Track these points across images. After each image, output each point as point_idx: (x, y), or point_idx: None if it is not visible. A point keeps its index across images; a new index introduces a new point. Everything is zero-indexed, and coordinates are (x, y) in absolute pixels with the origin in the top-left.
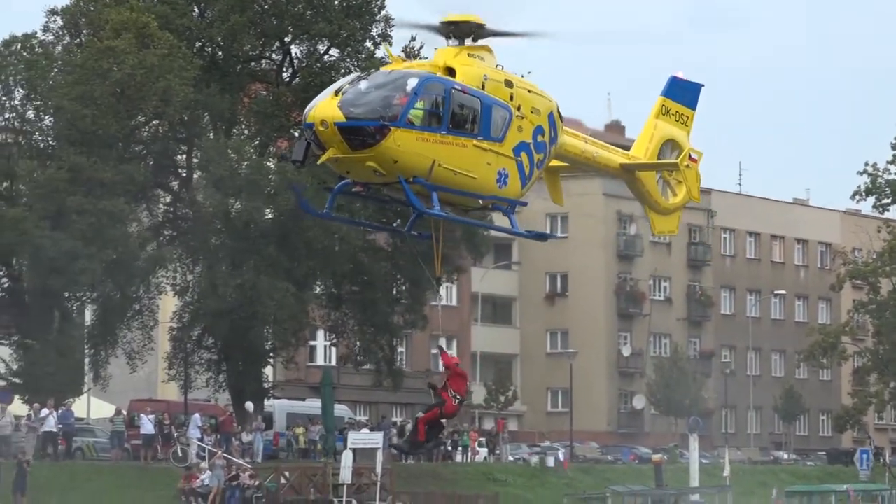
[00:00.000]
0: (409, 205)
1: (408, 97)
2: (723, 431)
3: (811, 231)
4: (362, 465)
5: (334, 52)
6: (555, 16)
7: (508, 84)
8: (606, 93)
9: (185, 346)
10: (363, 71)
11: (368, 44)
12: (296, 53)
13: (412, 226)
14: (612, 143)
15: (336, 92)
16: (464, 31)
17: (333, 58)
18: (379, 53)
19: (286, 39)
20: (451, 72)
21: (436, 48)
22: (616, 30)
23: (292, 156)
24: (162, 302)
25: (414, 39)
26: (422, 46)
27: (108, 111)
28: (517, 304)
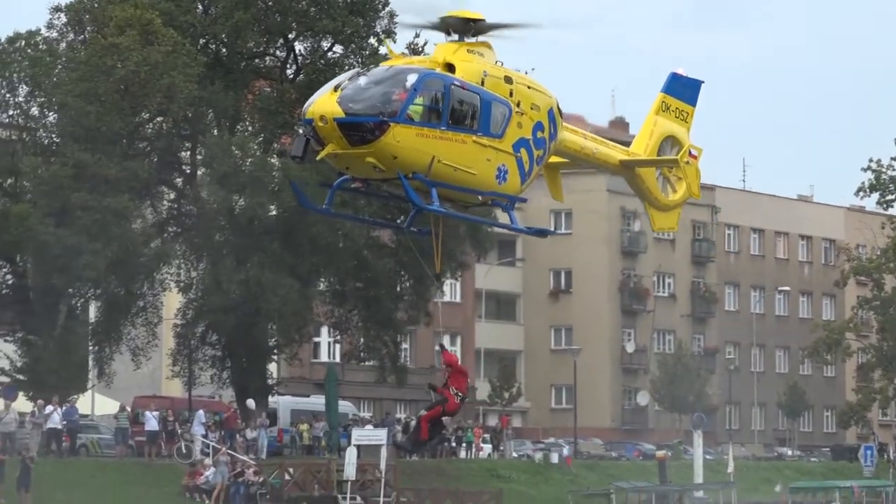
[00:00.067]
0: (409, 201)
1: (407, 93)
2: (727, 428)
3: (815, 227)
4: (366, 462)
5: (338, 48)
6: (557, 12)
7: (508, 80)
8: (611, 89)
9: (189, 343)
10: (363, 67)
11: (372, 40)
12: (300, 50)
13: (412, 222)
14: (616, 140)
15: (335, 88)
16: (463, 27)
17: (337, 54)
18: (383, 50)
19: (290, 36)
20: (451, 68)
21: (435, 44)
22: (613, 18)
23: (291, 151)
24: (166, 298)
25: (418, 36)
26: (426, 43)
27: (112, 108)
28: (521, 300)
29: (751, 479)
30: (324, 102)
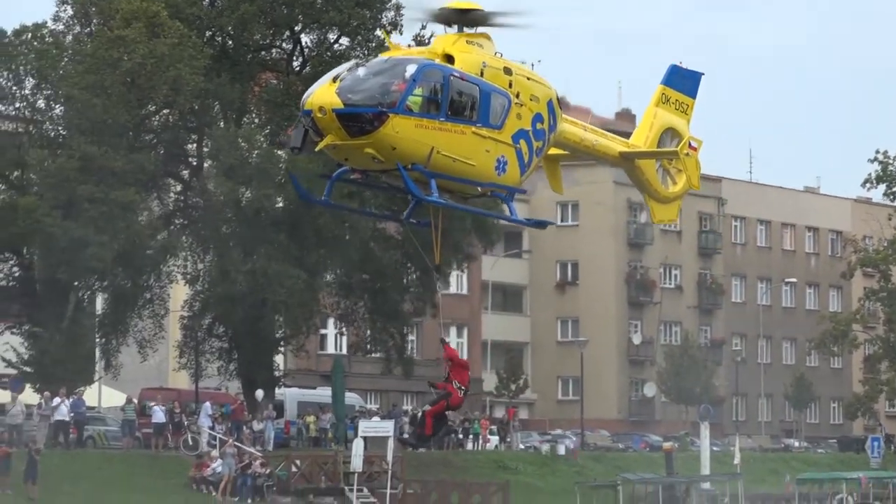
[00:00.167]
0: (408, 192)
1: (406, 84)
2: (733, 419)
3: (822, 219)
4: (373, 454)
5: (344, 40)
6: (559, 4)
7: (507, 71)
8: (617, 81)
9: (196, 335)
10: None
11: (379, 32)
12: (306, 42)
13: (411, 213)
14: (623, 132)
15: (334, 79)
16: (462, 19)
17: (343, 46)
18: (392, 41)
19: (296, 28)
20: (450, 59)
21: (434, 35)
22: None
23: (290, 143)
24: (173, 291)
25: (424, 28)
26: (431, 35)
27: (118, 100)
28: (528, 292)
29: (758, 471)
30: (323, 93)
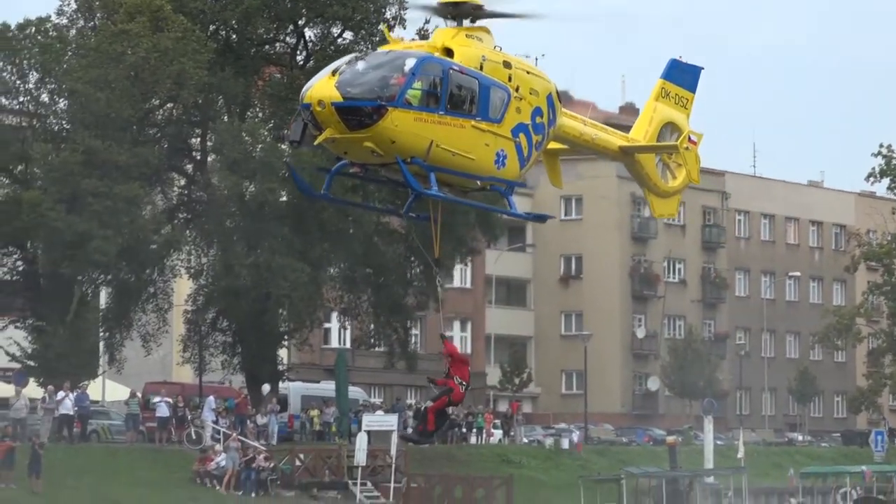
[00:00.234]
0: (407, 185)
1: (405, 77)
2: (737, 413)
3: (826, 213)
4: (377, 448)
5: (348, 34)
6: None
7: (507, 65)
8: (621, 75)
9: (200, 329)
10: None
11: (382, 26)
12: (310, 36)
13: (410, 207)
14: (627, 126)
15: (333, 72)
16: (462, 12)
17: (347, 40)
18: (393, 35)
19: (300, 22)
20: (450, 52)
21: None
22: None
23: (289, 136)
24: (176, 285)
25: (428, 22)
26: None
27: (122, 94)
28: (531, 286)
29: (761, 465)
30: (322, 87)
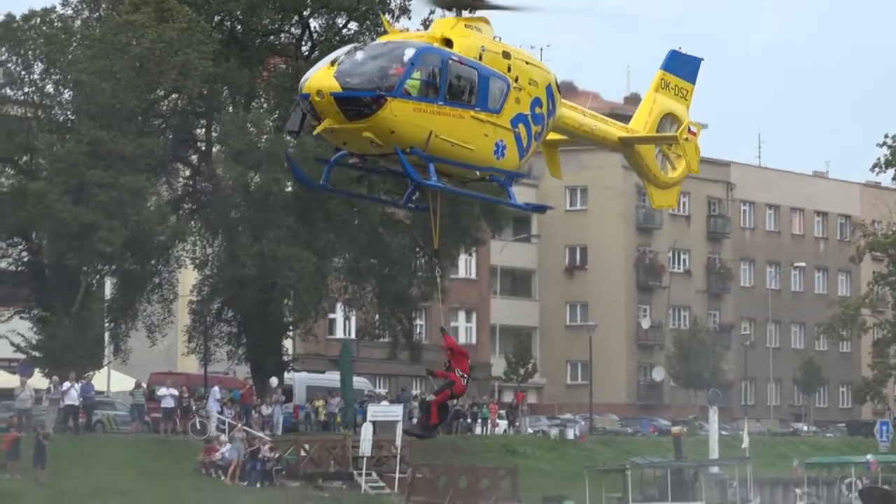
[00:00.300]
0: (406, 176)
1: (404, 67)
2: (742, 403)
3: (831, 203)
4: (382, 438)
5: (353, 25)
6: None
7: (506, 55)
8: (626, 65)
9: (205, 319)
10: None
11: (387, 17)
12: (314, 27)
13: (409, 198)
14: (631, 116)
15: (332, 62)
16: (461, 3)
17: (352, 31)
18: (397, 26)
19: (305, 13)
20: (449, 43)
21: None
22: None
23: (288, 126)
24: (181, 275)
25: (433, 13)
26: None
27: (127, 85)
28: (536, 276)
29: (766, 455)
30: (321, 77)
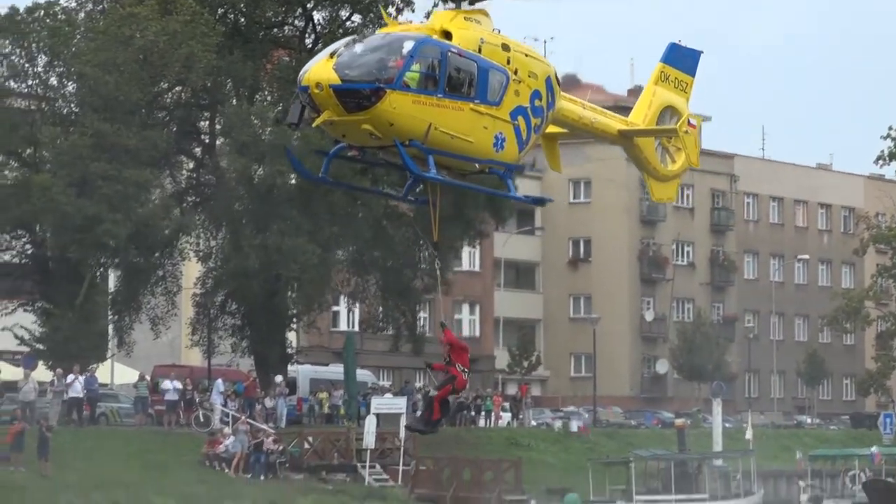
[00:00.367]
0: (405, 168)
1: (403, 60)
2: (746, 396)
3: (835, 196)
4: (386, 430)
5: (357, 17)
6: None
7: (505, 48)
8: (630, 58)
9: (209, 312)
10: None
11: (391, 10)
12: (318, 19)
13: (409, 190)
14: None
15: (331, 55)
16: None
17: (356, 23)
18: (401, 19)
19: (308, 5)
20: (448, 35)
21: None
22: None
23: (287, 119)
24: (185, 268)
25: (437, 5)
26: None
27: (130, 78)
28: (540, 269)
29: (770, 447)
30: (320, 69)
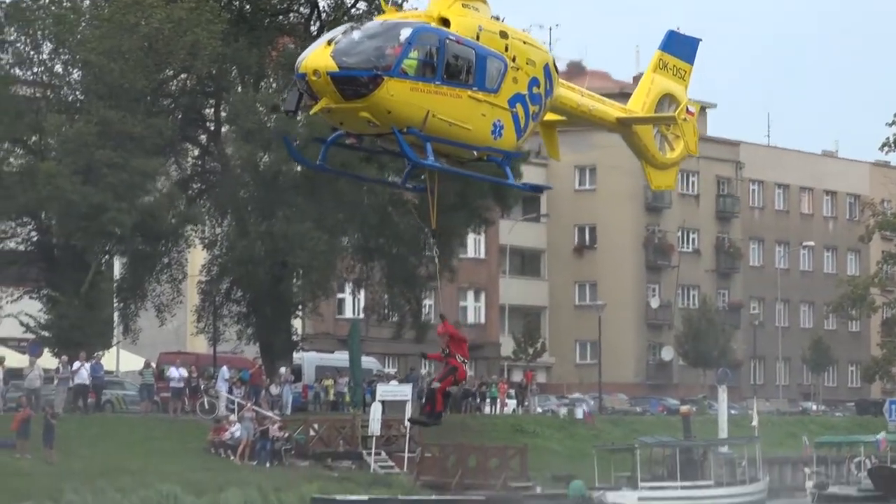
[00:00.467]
0: (404, 156)
1: (401, 47)
2: (751, 383)
3: (840, 183)
4: (391, 418)
5: (362, 4)
6: None
7: (503, 35)
8: (635, 45)
9: (214, 299)
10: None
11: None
12: (323, 6)
13: (407, 178)
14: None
15: (329, 42)
16: None
17: (361, 10)
18: (406, 6)
19: None
20: (446, 22)
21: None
22: None
23: (284, 106)
24: (190, 255)
25: None
26: None
27: (136, 65)
28: (545, 256)
29: (775, 434)
30: (317, 56)
